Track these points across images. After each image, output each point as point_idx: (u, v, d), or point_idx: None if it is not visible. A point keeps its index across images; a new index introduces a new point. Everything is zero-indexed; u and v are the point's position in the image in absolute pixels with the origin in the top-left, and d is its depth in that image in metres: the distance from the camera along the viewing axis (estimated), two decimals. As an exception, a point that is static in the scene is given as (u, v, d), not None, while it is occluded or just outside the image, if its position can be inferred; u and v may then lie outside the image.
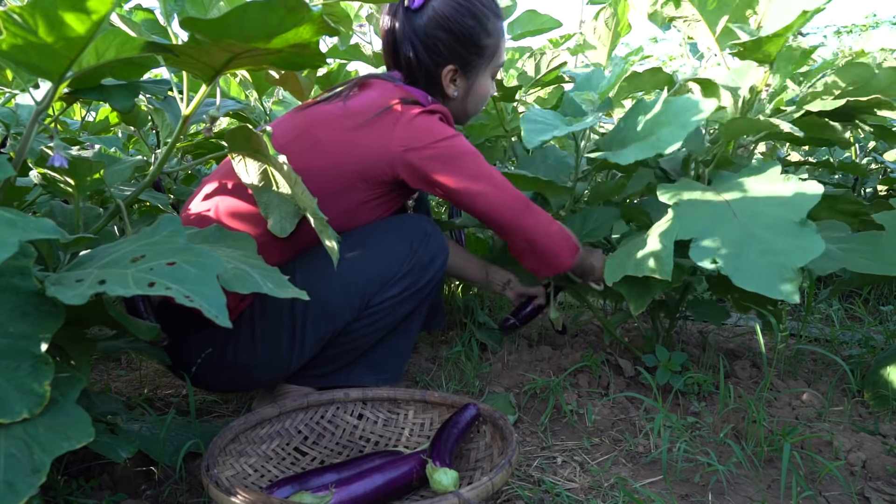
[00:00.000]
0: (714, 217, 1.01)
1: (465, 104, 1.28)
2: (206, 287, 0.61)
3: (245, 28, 0.72)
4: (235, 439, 0.99)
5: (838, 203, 1.33)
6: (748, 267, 0.91)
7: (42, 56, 0.69)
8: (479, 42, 1.19)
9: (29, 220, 0.60)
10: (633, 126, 1.19)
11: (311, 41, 0.77)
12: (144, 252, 0.67)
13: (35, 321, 0.63)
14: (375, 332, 1.19)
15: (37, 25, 0.64)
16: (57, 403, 0.64)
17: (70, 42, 0.68)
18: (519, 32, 1.81)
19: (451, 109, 1.26)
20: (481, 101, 1.30)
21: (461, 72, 1.22)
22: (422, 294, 1.21)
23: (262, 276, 0.74)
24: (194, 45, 0.73)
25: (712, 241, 0.96)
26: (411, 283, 1.18)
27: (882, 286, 2.24)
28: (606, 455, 1.12)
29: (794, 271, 0.88)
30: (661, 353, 1.36)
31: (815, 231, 0.91)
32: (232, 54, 0.79)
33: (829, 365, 1.55)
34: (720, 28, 1.30)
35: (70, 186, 0.90)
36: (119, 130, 1.99)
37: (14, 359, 0.61)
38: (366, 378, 1.23)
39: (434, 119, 1.14)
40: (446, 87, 1.23)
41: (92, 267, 0.67)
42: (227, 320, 0.60)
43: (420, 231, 1.19)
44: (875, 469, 1.05)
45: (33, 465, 0.58)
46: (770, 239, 0.93)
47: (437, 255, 1.21)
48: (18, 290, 0.63)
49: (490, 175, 1.16)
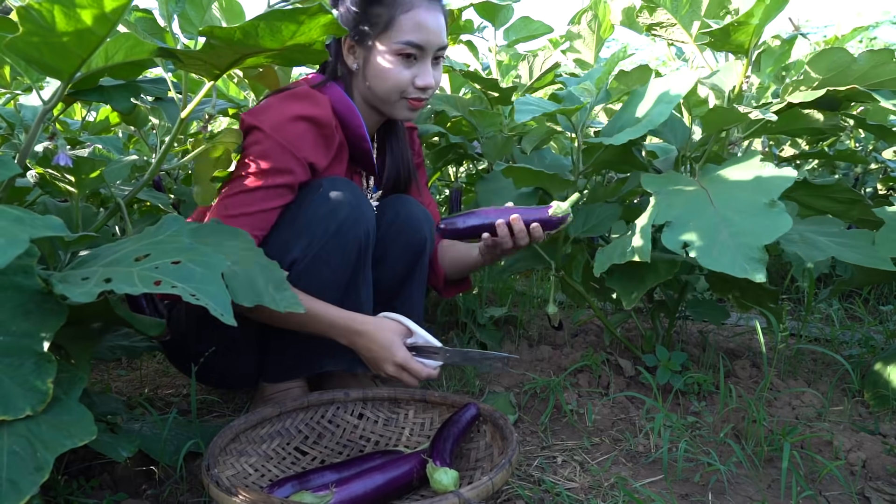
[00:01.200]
0: (691, 203, 1.04)
1: (368, 81, 1.16)
2: (212, 286, 0.61)
3: (263, 35, 0.73)
4: (236, 439, 0.99)
5: (831, 192, 1.32)
6: (717, 249, 0.93)
7: (55, 54, 0.70)
8: (366, 9, 1.11)
9: (36, 218, 0.61)
10: (630, 114, 1.22)
11: (318, 40, 0.78)
12: (149, 251, 0.67)
13: (38, 319, 0.63)
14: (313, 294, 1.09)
15: (53, 21, 0.64)
16: (59, 401, 0.64)
17: (84, 39, 0.68)
18: (514, 39, 1.83)
19: (358, 87, 1.19)
20: (383, 81, 1.13)
21: (355, 41, 1.14)
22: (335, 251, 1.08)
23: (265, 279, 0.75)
24: (209, 51, 0.74)
25: (686, 226, 0.98)
26: (310, 240, 1.07)
27: (882, 286, 2.24)
28: (606, 455, 1.12)
29: (759, 250, 0.90)
30: (661, 353, 1.36)
31: (782, 210, 0.93)
32: (239, 55, 0.80)
33: (829, 365, 1.55)
34: (695, 30, 1.30)
35: (71, 185, 0.90)
36: (119, 130, 1.99)
37: (17, 356, 0.61)
38: (340, 363, 1.18)
39: (262, 113, 1.07)
40: (346, 58, 1.17)
41: (96, 265, 0.67)
42: (233, 318, 0.60)
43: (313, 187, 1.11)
44: (875, 469, 1.05)
45: (36, 463, 0.58)
46: (740, 221, 0.96)
47: (336, 207, 1.08)
48: (22, 289, 0.63)
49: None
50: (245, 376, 1.21)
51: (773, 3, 1.06)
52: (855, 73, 1.14)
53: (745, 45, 1.14)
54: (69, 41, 0.68)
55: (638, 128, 1.12)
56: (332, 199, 1.08)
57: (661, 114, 1.10)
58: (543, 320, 1.91)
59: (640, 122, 1.14)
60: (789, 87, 1.22)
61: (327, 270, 1.08)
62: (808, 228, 1.23)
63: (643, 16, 1.32)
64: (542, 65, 1.70)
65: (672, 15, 1.29)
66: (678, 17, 1.29)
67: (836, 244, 1.15)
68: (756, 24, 1.09)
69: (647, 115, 1.14)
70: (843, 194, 1.31)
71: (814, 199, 1.35)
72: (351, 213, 1.08)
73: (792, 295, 2.29)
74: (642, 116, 1.16)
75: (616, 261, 1.10)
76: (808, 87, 1.20)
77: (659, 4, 1.27)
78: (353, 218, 1.08)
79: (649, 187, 1.11)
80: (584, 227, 1.40)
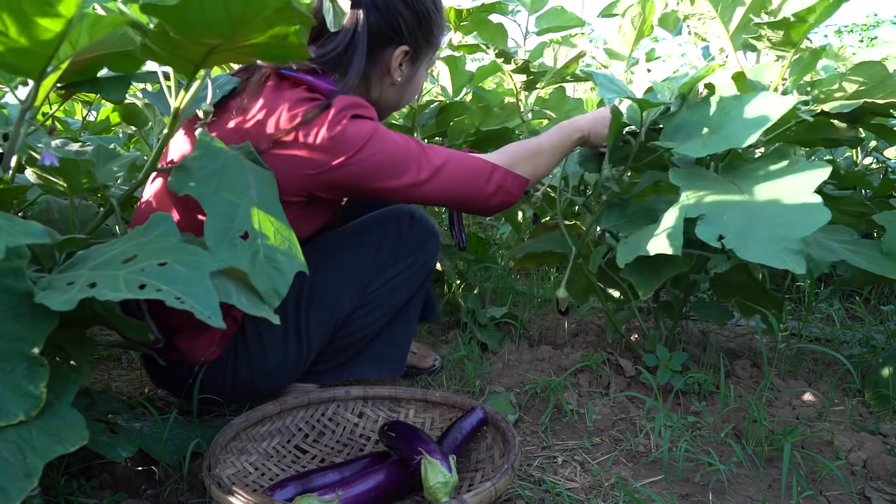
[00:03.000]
0: (723, 196, 1.02)
1: (402, 93, 1.19)
2: (198, 287, 0.59)
3: (207, 13, 0.68)
4: (237, 437, 0.99)
5: (845, 204, 1.33)
6: (753, 241, 0.91)
7: (17, 56, 0.69)
8: (433, 30, 1.14)
9: (17, 224, 0.59)
10: (697, 121, 1.15)
11: (288, 32, 0.73)
12: (137, 252, 0.65)
13: (29, 323, 0.61)
14: (376, 321, 1.20)
15: (7, 28, 0.64)
16: (51, 406, 0.63)
17: (42, 42, 0.67)
18: (545, 27, 1.81)
19: (384, 98, 1.17)
20: (413, 95, 1.23)
21: (411, 56, 1.14)
22: (419, 277, 1.23)
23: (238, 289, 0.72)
24: (163, 35, 0.71)
25: (720, 219, 0.96)
26: (406, 265, 1.19)
27: (882, 286, 2.24)
28: (607, 455, 1.12)
29: (797, 241, 0.88)
30: (662, 353, 1.36)
31: (820, 203, 0.90)
32: (208, 47, 0.76)
33: (830, 364, 1.55)
34: (734, 25, 1.29)
35: (62, 186, 0.89)
36: (120, 130, 1.99)
37: (9, 361, 0.60)
38: (368, 370, 1.25)
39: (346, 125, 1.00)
40: (393, 70, 1.13)
41: (84, 268, 0.66)
42: (221, 321, 0.58)
43: (406, 216, 1.21)
44: (876, 469, 1.05)
45: (26, 469, 0.57)
46: (777, 214, 0.93)
47: (428, 238, 1.22)
48: (12, 292, 0.62)
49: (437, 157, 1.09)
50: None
51: (833, 4, 1.05)
52: (889, 87, 1.15)
53: (796, 42, 1.12)
54: (28, 44, 0.67)
55: (718, 143, 1.05)
56: (423, 228, 1.22)
57: (746, 135, 1.01)
58: (544, 320, 1.91)
59: (717, 136, 1.07)
60: (821, 95, 1.21)
61: (405, 290, 1.22)
62: (822, 235, 1.22)
63: (684, 4, 1.31)
64: (567, 52, 1.69)
65: (713, 7, 1.28)
66: (719, 10, 1.28)
67: (848, 250, 1.16)
68: (811, 23, 1.07)
69: (726, 129, 1.06)
70: (856, 207, 1.32)
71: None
72: (436, 245, 1.24)
73: (793, 295, 2.28)
74: (718, 129, 1.08)
75: (643, 252, 1.07)
76: (842, 96, 1.20)
77: None
78: (435, 245, 1.24)
79: (677, 182, 1.08)
80: (618, 222, 1.36)
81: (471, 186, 1.11)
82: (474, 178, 1.11)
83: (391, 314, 1.23)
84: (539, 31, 1.81)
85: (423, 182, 1.06)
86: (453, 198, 1.11)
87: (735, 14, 1.28)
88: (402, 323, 1.27)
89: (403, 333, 1.28)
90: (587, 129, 1.23)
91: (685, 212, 1.02)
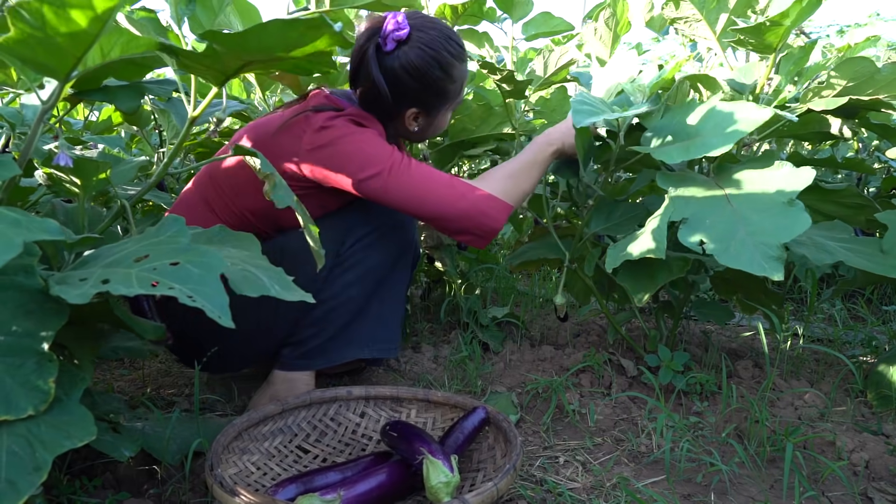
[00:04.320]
0: (708, 201, 1.03)
1: (425, 134, 1.30)
2: (209, 287, 0.61)
3: (264, 43, 0.74)
4: (239, 437, 0.99)
5: (840, 197, 1.32)
6: (735, 247, 0.92)
7: (48, 53, 0.69)
8: (444, 89, 1.21)
9: (34, 221, 0.60)
10: (677, 126, 1.15)
11: (326, 51, 0.78)
12: (148, 252, 0.67)
13: (39, 319, 0.63)
14: (353, 284, 1.22)
15: (44, 21, 0.64)
16: (60, 402, 0.64)
17: (77, 38, 0.68)
18: (532, 33, 1.80)
19: (409, 136, 1.29)
20: (438, 131, 1.32)
21: (423, 113, 1.23)
22: (393, 241, 1.25)
23: (270, 278, 0.74)
24: (211, 55, 0.74)
25: (702, 224, 0.98)
26: (378, 225, 1.22)
27: (885, 286, 2.24)
28: (609, 455, 1.12)
29: (778, 248, 0.89)
30: (664, 353, 1.36)
31: (801, 209, 0.92)
32: (245, 62, 0.80)
33: (832, 365, 1.55)
34: (720, 27, 1.29)
35: (76, 186, 0.90)
36: (122, 130, 2.00)
37: (19, 356, 0.61)
38: (361, 351, 1.27)
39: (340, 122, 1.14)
40: (408, 126, 1.24)
41: (96, 266, 0.67)
42: (230, 320, 0.60)
43: None
44: (878, 469, 1.05)
45: (35, 463, 0.58)
46: (758, 220, 0.95)
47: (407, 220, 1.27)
48: (23, 288, 0.63)
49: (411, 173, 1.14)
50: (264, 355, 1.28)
51: (808, 5, 1.05)
52: (878, 83, 1.15)
53: (774, 45, 1.13)
54: (61, 40, 0.67)
55: (693, 149, 1.04)
56: None
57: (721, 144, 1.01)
58: (546, 320, 1.91)
59: (694, 142, 1.07)
60: (810, 92, 1.21)
61: (380, 252, 1.24)
62: (818, 233, 1.22)
63: (669, 9, 1.31)
64: (557, 60, 1.69)
65: (698, 10, 1.28)
66: (704, 13, 1.28)
67: (845, 249, 1.15)
68: (788, 25, 1.08)
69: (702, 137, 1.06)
70: (852, 199, 1.31)
71: (822, 204, 1.34)
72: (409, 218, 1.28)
73: (795, 295, 2.28)
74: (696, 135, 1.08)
75: (629, 257, 1.08)
76: (830, 93, 1.19)
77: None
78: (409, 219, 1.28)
79: (664, 185, 1.09)
80: (606, 225, 1.37)
81: (443, 200, 1.13)
82: (448, 190, 1.14)
83: (371, 284, 1.24)
84: (528, 38, 1.81)
85: (389, 178, 1.11)
86: (423, 206, 1.13)
87: (721, 16, 1.28)
88: (390, 301, 1.29)
89: (392, 311, 1.30)
90: (559, 140, 1.25)
91: (669, 215, 1.02)
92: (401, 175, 1.12)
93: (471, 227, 1.15)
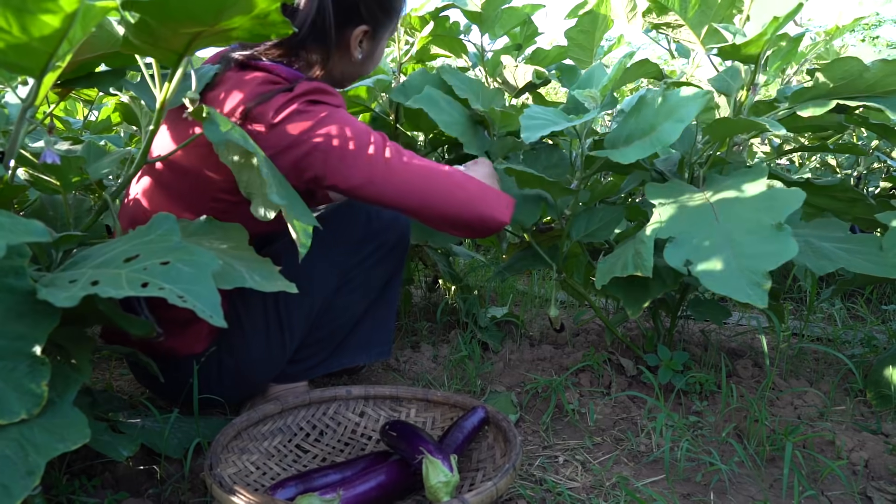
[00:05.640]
0: (696, 218, 1.02)
1: (363, 68, 1.17)
2: (200, 286, 0.60)
3: (189, 4, 0.67)
4: (238, 436, 0.99)
5: (833, 191, 1.32)
6: (720, 270, 0.92)
7: (20, 54, 0.68)
8: (394, 4, 1.12)
9: (18, 223, 0.59)
10: (636, 123, 1.17)
11: (269, 10, 0.72)
12: (139, 251, 0.66)
13: (31, 321, 0.62)
14: (357, 303, 1.22)
15: (10, 25, 0.64)
16: (53, 404, 0.63)
17: (45, 39, 0.67)
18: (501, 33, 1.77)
19: (343, 72, 1.15)
20: (374, 66, 1.19)
21: (371, 34, 1.11)
22: (395, 255, 1.23)
23: (249, 270, 0.73)
24: (145, 30, 0.71)
25: (690, 243, 0.97)
26: (380, 243, 1.20)
27: (884, 285, 2.24)
28: (608, 454, 1.12)
29: (763, 275, 0.89)
30: (663, 353, 1.36)
31: (789, 235, 0.92)
32: (190, 36, 0.75)
33: (832, 364, 1.55)
34: (704, 32, 1.29)
35: (55, 183, 0.89)
36: (122, 129, 1.99)
37: (11, 360, 0.60)
38: (357, 357, 1.26)
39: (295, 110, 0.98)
40: (353, 49, 1.11)
41: (86, 267, 0.66)
42: (222, 319, 0.59)
43: None
44: (877, 468, 1.05)
45: (28, 467, 0.57)
46: (746, 243, 0.94)
47: (398, 215, 1.22)
48: (14, 290, 0.62)
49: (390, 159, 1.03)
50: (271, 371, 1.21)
51: (784, 19, 1.05)
52: (867, 82, 1.14)
53: (755, 55, 1.13)
54: (31, 41, 0.67)
55: (647, 146, 1.06)
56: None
57: (673, 132, 1.04)
58: (545, 320, 1.91)
59: (649, 138, 1.09)
60: (797, 95, 1.21)
61: (382, 269, 1.23)
62: (813, 233, 1.21)
63: (651, 16, 1.30)
64: (525, 73, 1.70)
65: (680, 16, 1.27)
66: (686, 19, 1.27)
67: (844, 251, 1.14)
68: (767, 38, 1.08)
69: (656, 131, 1.08)
70: (845, 193, 1.31)
71: (815, 197, 1.35)
72: (407, 221, 1.24)
73: (794, 294, 2.28)
74: (654, 130, 1.10)
75: (618, 273, 1.08)
76: (818, 94, 1.19)
77: (668, 7, 1.26)
78: (406, 220, 1.24)
79: (653, 197, 1.09)
80: (586, 231, 1.37)
81: (438, 190, 1.04)
82: (443, 180, 1.05)
83: (372, 295, 1.24)
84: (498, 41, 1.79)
85: (381, 171, 1.01)
86: (417, 200, 1.04)
87: (704, 24, 1.28)
88: (384, 305, 1.29)
89: (385, 315, 1.30)
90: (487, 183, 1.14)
91: (656, 233, 1.02)
92: (394, 164, 1.02)
93: (478, 226, 1.09)
